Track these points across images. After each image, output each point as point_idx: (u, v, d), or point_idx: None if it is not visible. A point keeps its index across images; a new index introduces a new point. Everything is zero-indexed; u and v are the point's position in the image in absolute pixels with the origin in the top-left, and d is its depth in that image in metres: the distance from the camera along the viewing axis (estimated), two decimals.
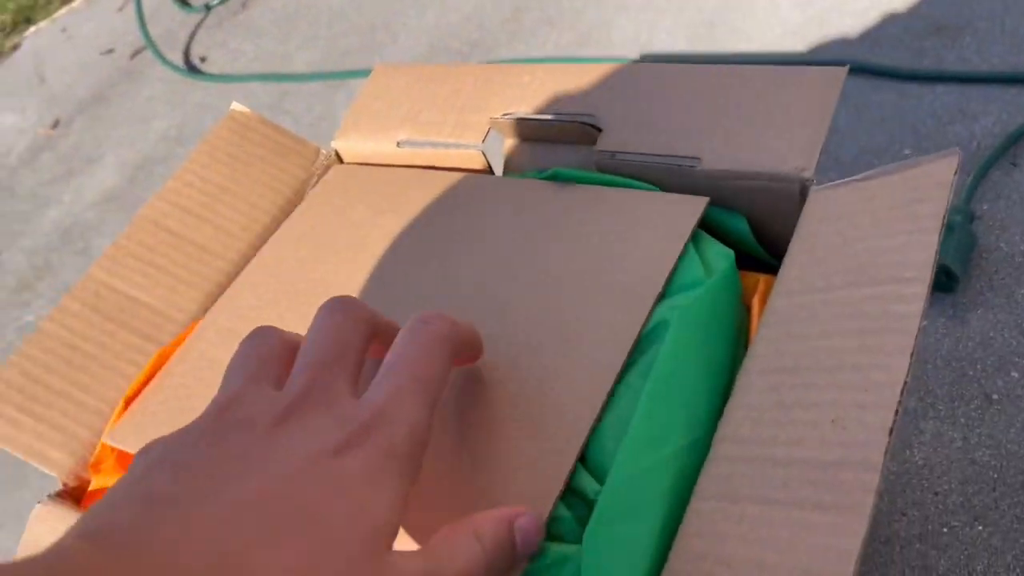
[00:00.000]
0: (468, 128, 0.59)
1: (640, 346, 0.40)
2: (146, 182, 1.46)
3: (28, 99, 1.84)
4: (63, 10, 2.13)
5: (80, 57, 1.89)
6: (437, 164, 0.62)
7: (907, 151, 0.91)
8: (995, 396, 0.69)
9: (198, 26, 1.78)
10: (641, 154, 0.51)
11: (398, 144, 0.62)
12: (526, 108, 0.58)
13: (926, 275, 0.34)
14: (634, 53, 1.20)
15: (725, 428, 0.34)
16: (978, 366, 0.72)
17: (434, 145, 0.60)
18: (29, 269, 1.43)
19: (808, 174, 0.46)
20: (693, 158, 0.49)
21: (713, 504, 0.32)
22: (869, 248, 0.38)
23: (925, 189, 0.39)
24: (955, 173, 0.38)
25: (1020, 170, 0.84)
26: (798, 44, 1.09)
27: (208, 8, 1.81)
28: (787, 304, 0.38)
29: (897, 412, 0.29)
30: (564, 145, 0.58)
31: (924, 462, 0.68)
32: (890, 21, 1.05)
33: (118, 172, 1.51)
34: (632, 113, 0.54)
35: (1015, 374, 0.70)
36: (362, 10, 1.58)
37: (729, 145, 0.49)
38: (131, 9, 1.89)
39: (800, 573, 0.27)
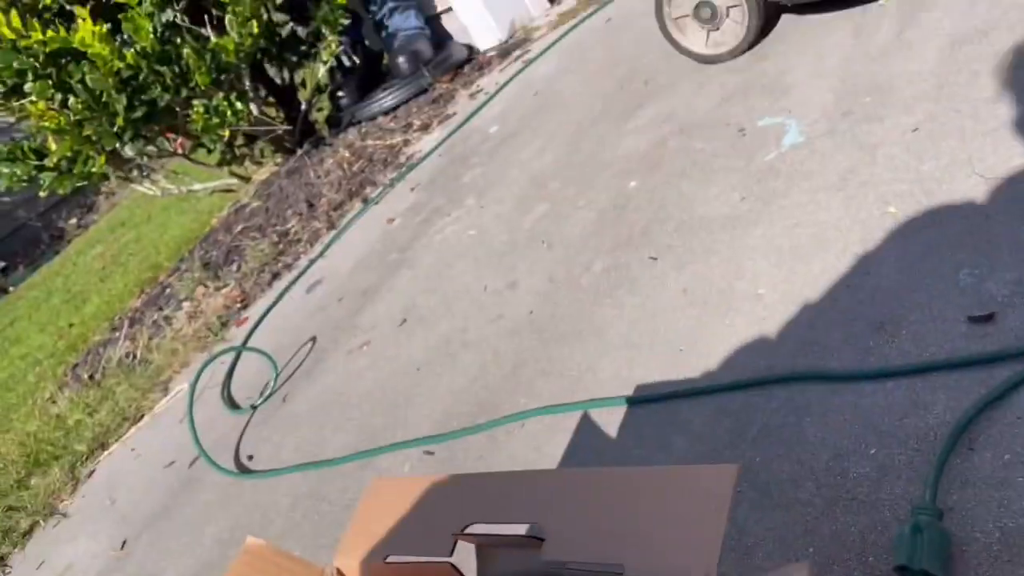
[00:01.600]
0: (439, 542, 0.69)
1: None
2: None
3: (101, 523, 2.00)
4: (132, 430, 2.37)
5: (146, 474, 2.08)
6: (418, 574, 0.71)
7: (872, 450, 0.96)
8: None
9: (246, 426, 1.97)
10: (578, 563, 0.60)
11: (385, 560, 0.71)
12: (484, 517, 0.68)
13: None
14: (619, 390, 1.31)
15: None
16: None
17: (412, 561, 0.70)
18: None
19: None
20: (618, 565, 0.58)
21: None
22: None
23: None
24: None
25: (978, 453, 0.89)
26: (758, 361, 1.19)
27: (254, 408, 2.01)
28: None
29: None
30: (515, 549, 0.67)
31: None
32: (835, 327, 1.16)
33: None
34: (567, 521, 0.63)
35: None
36: (386, 389, 1.75)
37: (646, 552, 0.58)
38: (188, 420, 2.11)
39: None
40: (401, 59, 3.54)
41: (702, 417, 1.16)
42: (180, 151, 3.77)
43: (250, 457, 1.85)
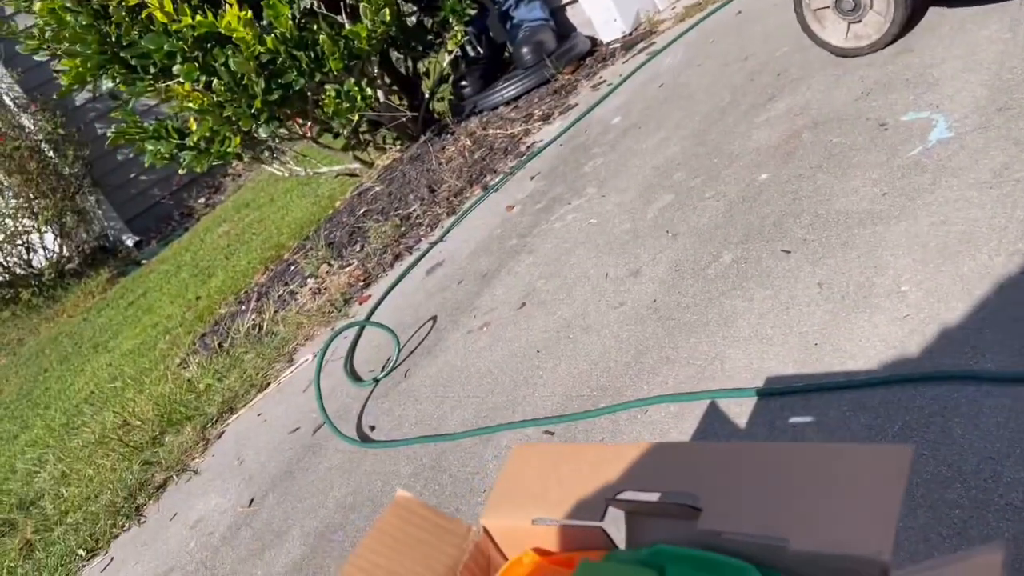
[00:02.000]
0: (588, 507, 0.70)
1: None
2: (326, 549, 1.61)
3: (229, 481, 2.12)
4: (259, 397, 2.49)
5: (272, 438, 2.18)
6: (565, 537, 0.72)
7: None
8: None
9: (368, 398, 2.05)
10: (740, 533, 0.59)
11: (533, 521, 0.73)
12: (636, 486, 0.68)
13: None
14: (748, 381, 1.29)
15: None
16: None
17: (561, 523, 0.71)
18: None
19: (886, 557, 0.52)
20: (782, 539, 0.57)
21: None
22: None
23: None
24: (1001, 567, 0.44)
25: None
26: (899, 359, 1.15)
27: (376, 381, 2.08)
28: None
29: None
30: (669, 519, 0.67)
31: None
32: (987, 327, 1.11)
33: (302, 542, 1.68)
34: (725, 493, 0.63)
35: None
36: (505, 369, 1.78)
37: (812, 526, 0.56)
38: (313, 390, 2.20)
39: None
40: (525, 50, 3.57)
41: (838, 412, 1.14)
42: (308, 135, 3.92)
43: (372, 428, 1.91)
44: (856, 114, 1.80)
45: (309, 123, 3.82)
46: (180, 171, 3.77)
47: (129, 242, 7.21)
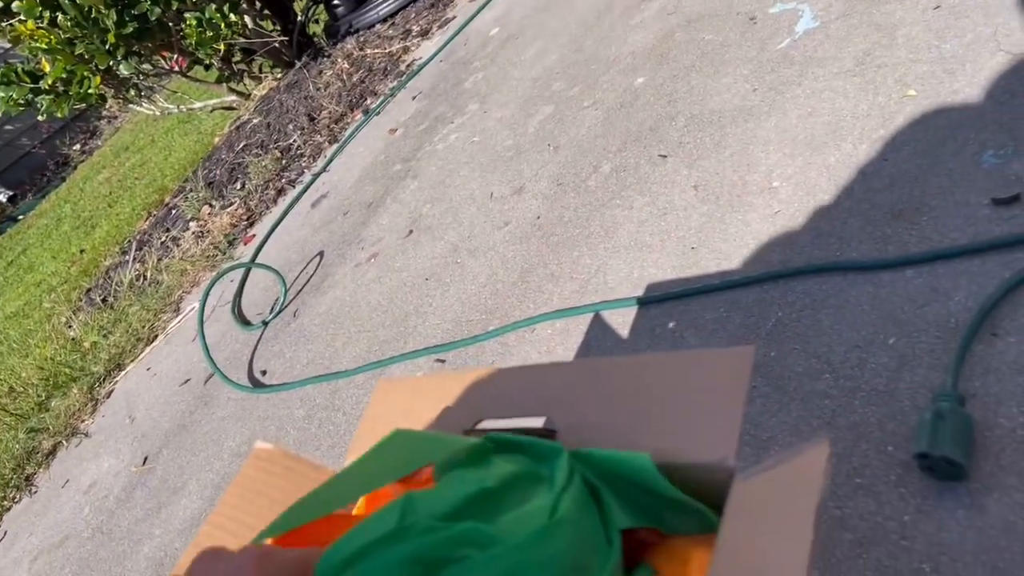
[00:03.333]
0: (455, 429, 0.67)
1: None
2: None
3: (121, 441, 2.03)
4: (147, 350, 2.39)
5: (162, 392, 2.09)
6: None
7: (891, 340, 0.94)
8: None
9: (258, 342, 1.97)
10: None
11: None
12: (497, 412, 0.66)
13: (803, 563, 0.39)
14: (630, 291, 1.28)
15: None
16: (1007, 555, 0.70)
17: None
18: None
19: (731, 463, 0.51)
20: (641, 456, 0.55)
21: None
22: (758, 549, 0.43)
23: (801, 485, 0.44)
24: (827, 459, 0.44)
25: (1002, 339, 0.86)
26: (772, 255, 1.16)
27: (265, 324, 2.01)
28: None
29: None
30: None
31: None
32: (852, 216, 1.12)
33: (199, 496, 1.63)
34: (579, 412, 0.61)
35: None
36: (395, 300, 1.74)
37: (662, 437, 0.55)
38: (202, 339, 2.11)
39: None
40: None
41: (715, 314, 1.14)
42: (178, 69, 3.68)
43: (263, 372, 1.85)
44: (727, 9, 1.77)
45: (176, 56, 3.58)
46: (39, 117, 3.48)
47: (2, 197, 6.75)
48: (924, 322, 0.93)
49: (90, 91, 3.23)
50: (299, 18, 3.65)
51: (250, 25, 3.41)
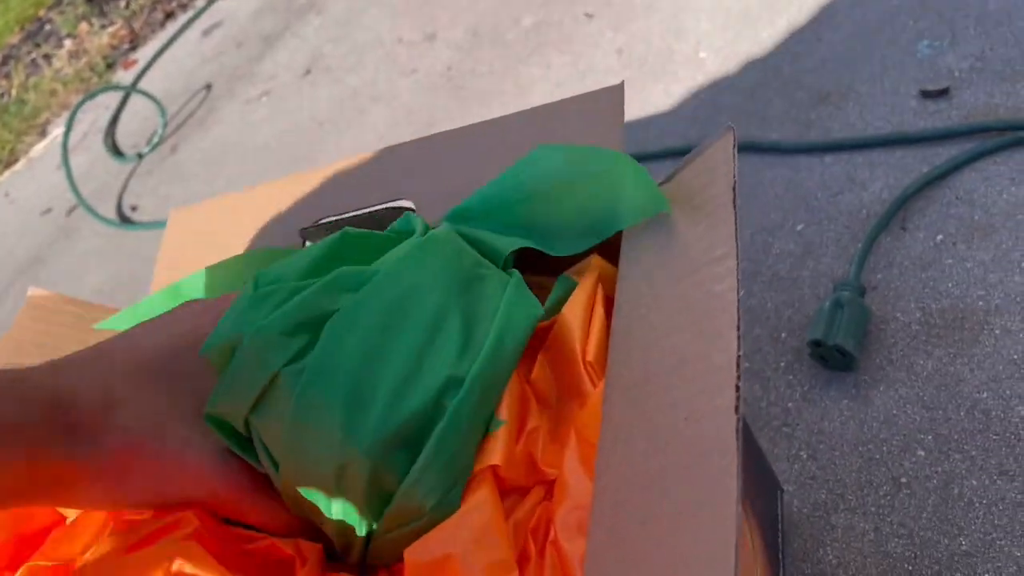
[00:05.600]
0: (280, 245, 0.57)
1: None
2: None
3: None
4: (6, 174, 2.16)
5: (20, 220, 1.91)
6: None
7: (800, 226, 0.90)
8: (903, 479, 0.66)
9: (131, 175, 1.80)
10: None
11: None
12: (333, 210, 0.57)
13: (732, 245, 0.36)
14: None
15: (605, 455, 0.34)
16: (884, 448, 0.69)
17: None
18: None
19: None
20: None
21: (604, 538, 0.31)
22: (681, 243, 0.39)
23: (714, 173, 0.40)
24: (734, 146, 0.40)
25: (910, 233, 0.83)
26: (691, 130, 1.09)
27: (140, 156, 1.83)
28: (627, 318, 0.38)
29: (738, 388, 0.31)
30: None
31: (837, 561, 0.64)
32: (777, 96, 1.06)
33: None
34: (436, 187, 0.53)
35: (921, 452, 0.67)
36: (284, 143, 1.60)
37: None
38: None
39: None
40: None
41: None
42: None
43: (134, 208, 1.70)
44: None
45: None
46: None
47: None
48: (836, 210, 0.89)
49: None
50: None
51: None
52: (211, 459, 0.38)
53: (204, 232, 0.60)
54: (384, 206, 0.53)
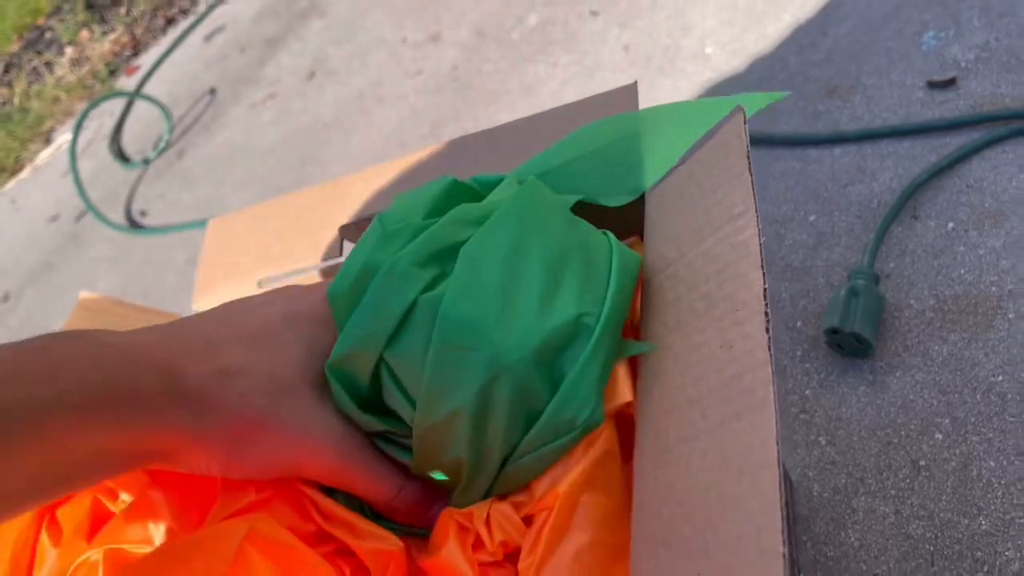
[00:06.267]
0: (321, 247, 0.59)
1: None
2: None
3: None
4: (11, 182, 2.17)
5: (28, 228, 1.92)
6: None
7: (812, 217, 0.91)
8: (922, 462, 0.67)
9: (138, 181, 1.81)
10: None
11: (259, 284, 0.61)
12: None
13: (750, 203, 0.38)
14: None
15: (646, 387, 0.38)
16: (902, 432, 0.70)
17: (296, 273, 0.59)
18: None
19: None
20: None
21: (652, 458, 0.35)
22: (702, 208, 0.42)
23: (728, 148, 0.43)
24: (744, 122, 0.43)
25: (921, 222, 0.84)
26: None
27: (147, 162, 1.84)
28: (659, 280, 0.42)
29: (767, 314, 0.33)
30: None
31: (860, 543, 0.65)
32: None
33: None
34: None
35: (939, 436, 0.68)
36: (291, 145, 1.61)
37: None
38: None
39: (737, 479, 0.30)
40: None
41: None
42: None
43: (143, 213, 1.71)
44: None
45: None
46: None
47: None
48: (847, 201, 0.90)
49: None
50: None
51: None
52: (331, 433, 0.37)
53: (243, 236, 0.62)
54: None
